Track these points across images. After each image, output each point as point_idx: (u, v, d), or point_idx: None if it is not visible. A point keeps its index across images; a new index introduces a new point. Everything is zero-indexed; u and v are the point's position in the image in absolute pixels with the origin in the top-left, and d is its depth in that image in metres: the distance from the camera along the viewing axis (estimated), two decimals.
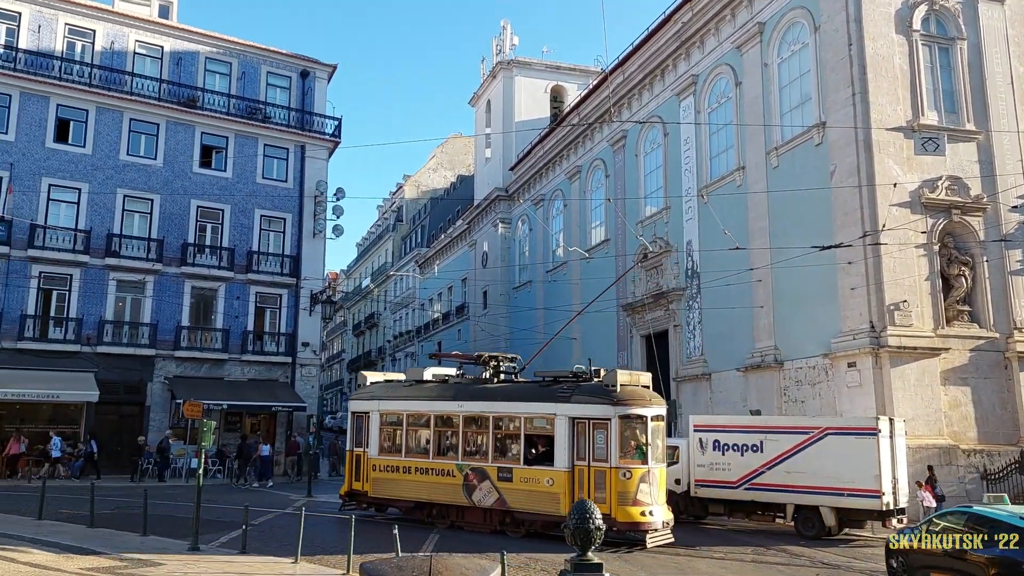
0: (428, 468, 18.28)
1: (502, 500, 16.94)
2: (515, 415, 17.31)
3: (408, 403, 19.28)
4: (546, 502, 16.34)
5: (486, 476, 17.24)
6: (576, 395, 16.52)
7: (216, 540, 14.63)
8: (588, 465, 15.95)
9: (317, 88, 36.26)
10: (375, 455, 19.34)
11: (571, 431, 16.27)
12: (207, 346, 32.00)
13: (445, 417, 18.49)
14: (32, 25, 30.71)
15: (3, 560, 11.43)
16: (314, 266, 34.86)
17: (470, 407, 18.08)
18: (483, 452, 17.62)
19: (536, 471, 16.70)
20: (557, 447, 16.43)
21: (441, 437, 18.61)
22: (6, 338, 28.18)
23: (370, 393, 20.30)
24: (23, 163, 29.53)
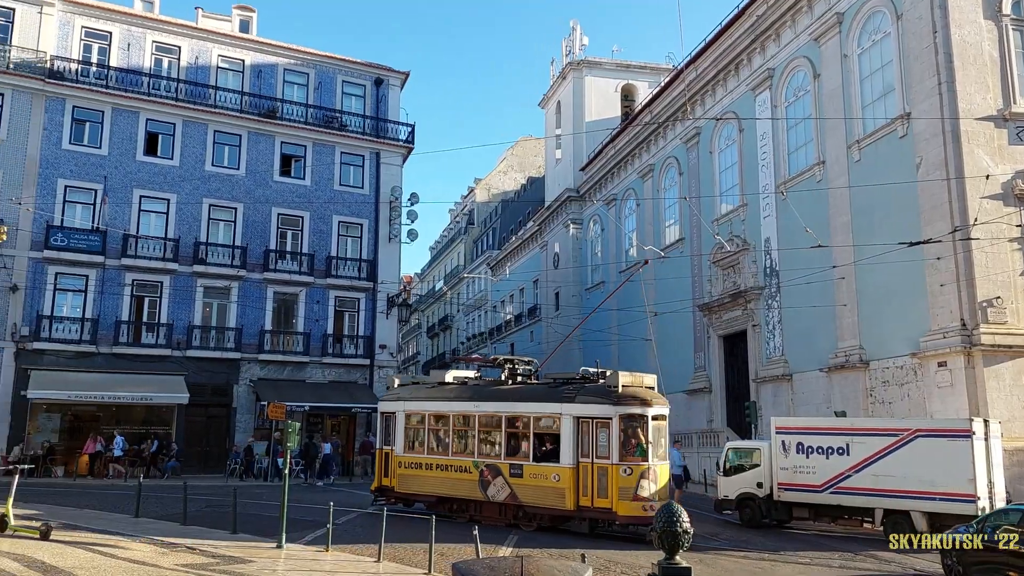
0: (448, 465, 19.23)
1: (513, 495, 17.76)
2: (525, 415, 18.23)
3: (430, 403, 20.26)
4: (553, 497, 17.16)
5: (499, 472, 18.10)
6: (580, 396, 17.35)
7: (302, 538, 15.01)
8: (592, 462, 16.76)
9: (391, 95, 36.92)
10: (401, 453, 20.33)
11: (576, 430, 17.08)
12: (289, 349, 32.94)
13: (463, 417, 19.40)
14: (122, 44, 32.20)
15: (105, 556, 12.00)
16: (390, 270, 35.51)
17: (485, 407, 19.00)
18: (496, 450, 18.51)
19: (544, 467, 17.48)
20: (563, 445, 17.25)
21: (459, 435, 19.50)
22: (103, 343, 29.61)
23: (396, 395, 21.28)
24: (116, 176, 30.97)
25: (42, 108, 30.18)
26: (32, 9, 30.51)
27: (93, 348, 29.37)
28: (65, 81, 30.53)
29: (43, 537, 13.04)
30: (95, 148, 30.99)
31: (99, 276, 30.07)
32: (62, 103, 30.56)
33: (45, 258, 29.23)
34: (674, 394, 36.97)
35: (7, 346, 28.35)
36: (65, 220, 29.86)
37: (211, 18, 35.32)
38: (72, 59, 31.09)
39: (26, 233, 28.77)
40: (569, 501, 16.89)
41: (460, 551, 14.22)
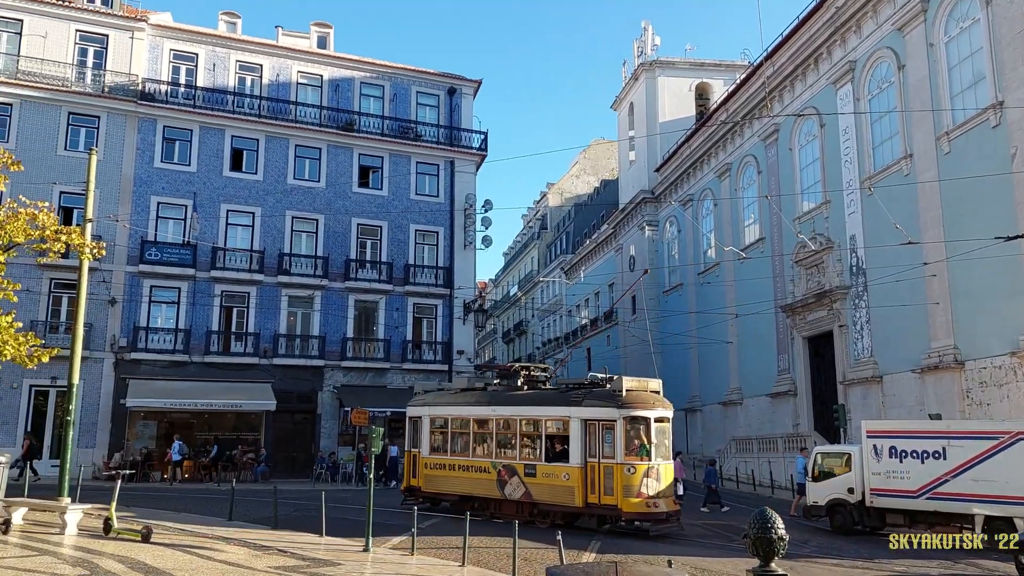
0: (468, 465, 20.46)
1: (528, 493, 18.84)
2: (537, 418, 19.35)
3: (452, 408, 21.57)
4: (564, 495, 18.16)
5: (515, 472, 19.20)
6: (587, 400, 18.40)
7: (387, 542, 15.28)
8: (598, 461, 17.74)
9: (464, 104, 37.35)
10: (426, 454, 21.59)
11: (583, 432, 18.11)
12: (370, 356, 33.63)
13: (481, 420, 20.67)
14: (208, 64, 33.53)
15: (202, 558, 12.47)
16: (466, 276, 35.87)
17: (501, 411, 20.22)
18: (512, 451, 19.66)
19: (555, 467, 18.50)
20: (572, 446, 18.26)
21: (479, 438, 20.71)
22: (195, 352, 30.83)
23: (422, 400, 22.70)
24: (204, 192, 32.24)
25: (135, 129, 31.69)
26: (124, 35, 32.08)
27: (186, 357, 30.61)
28: (156, 102, 31.98)
29: (144, 539, 13.63)
30: (184, 165, 32.34)
31: (190, 288, 31.33)
32: (153, 123, 32.02)
33: (140, 272, 30.64)
34: (757, 397, 36.19)
35: (107, 357, 29.81)
36: (158, 235, 31.25)
37: (290, 36, 36.47)
38: (162, 81, 32.55)
39: (122, 248, 30.21)
40: (578, 498, 17.87)
41: (543, 555, 14.24)
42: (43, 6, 31.08)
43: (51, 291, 29.31)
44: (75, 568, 11.09)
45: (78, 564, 11.38)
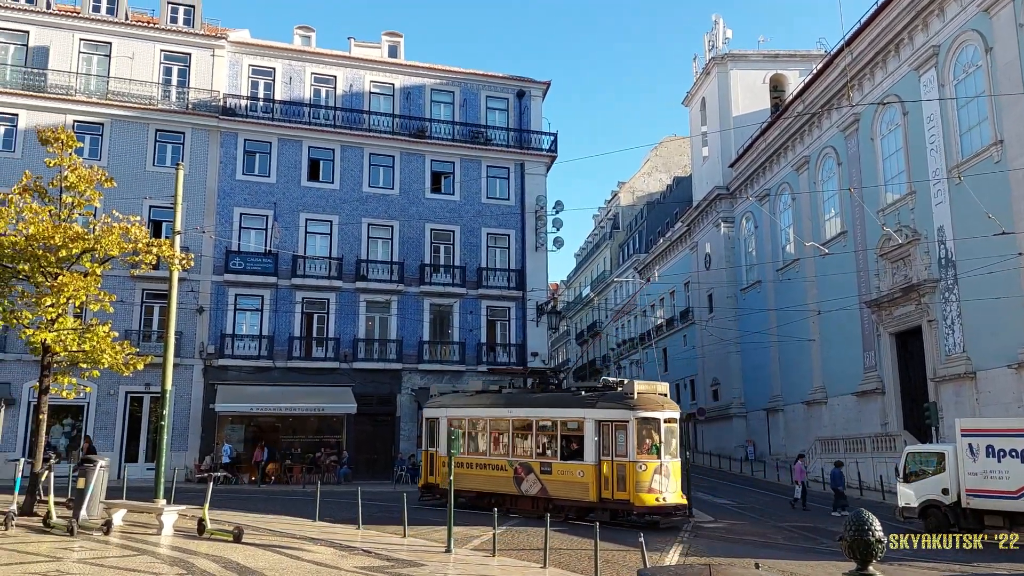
0: (486, 464, 21.63)
1: (544, 489, 19.99)
2: (553, 419, 20.49)
3: (469, 410, 22.81)
4: (579, 491, 19.32)
5: (531, 470, 20.37)
6: (600, 402, 19.55)
7: (468, 543, 15.42)
8: (611, 460, 18.91)
9: (533, 106, 37.41)
10: (444, 453, 21.94)
11: (598, 432, 19.30)
12: (446, 359, 33.99)
13: (498, 421, 21.88)
14: (284, 78, 34.51)
15: (291, 558, 12.82)
16: (538, 278, 35.89)
17: (518, 413, 21.41)
18: (528, 450, 20.87)
19: (570, 465, 19.70)
20: (586, 445, 19.46)
21: (495, 438, 21.91)
22: (279, 358, 31.74)
23: (439, 402, 23.96)
24: (284, 202, 33.17)
25: (218, 143, 32.85)
26: (205, 53, 33.31)
27: (270, 363, 31.54)
28: (236, 117, 33.09)
29: (236, 540, 14.09)
30: (265, 177, 33.34)
31: (273, 296, 32.28)
32: (235, 137, 33.13)
33: (225, 281, 31.72)
34: (842, 396, 35.09)
35: (196, 363, 30.96)
36: (241, 245, 32.30)
37: (362, 46, 37.22)
38: (241, 96, 33.65)
39: (208, 259, 31.34)
40: (592, 494, 19.09)
41: (623, 557, 14.12)
42: (130, 28, 32.55)
43: (143, 301, 30.62)
44: (173, 567, 11.55)
45: (175, 563, 11.85)
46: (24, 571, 10.84)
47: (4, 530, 14.34)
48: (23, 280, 17.84)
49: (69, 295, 16.99)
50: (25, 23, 31.37)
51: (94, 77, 31.81)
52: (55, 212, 17.88)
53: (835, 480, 23.75)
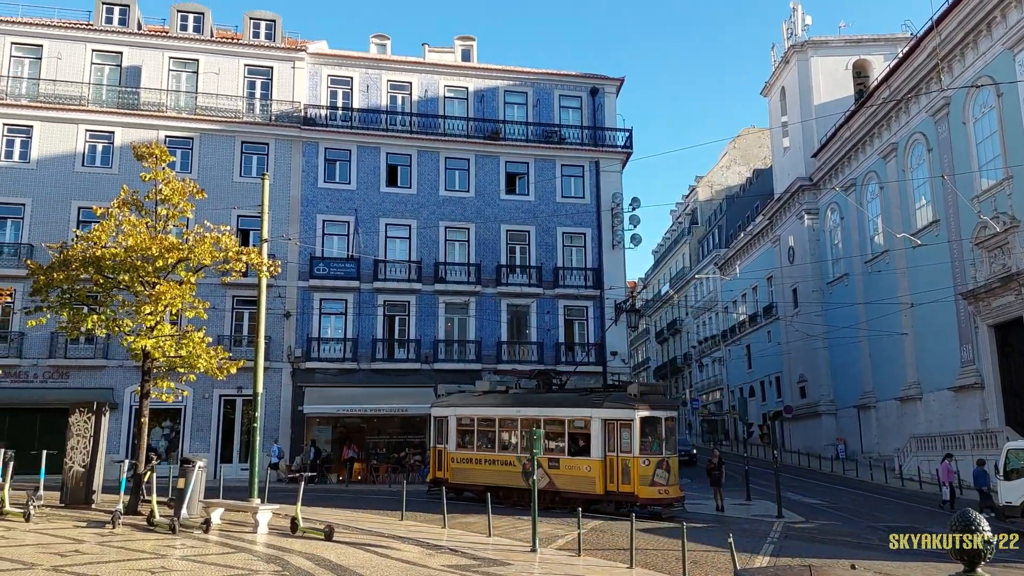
0: (495, 459, 22.93)
1: (552, 483, 21.25)
2: (561, 418, 21.85)
3: (478, 409, 24.08)
4: (585, 484, 20.68)
5: (539, 465, 20.70)
6: (607, 402, 21.00)
7: (552, 542, 15.43)
8: (617, 455, 20.26)
9: (607, 103, 37.17)
10: (453, 450, 24.03)
11: (603, 429, 20.67)
12: (524, 359, 34.08)
13: (507, 419, 23.16)
14: (361, 86, 35.27)
15: (380, 556, 13.08)
16: (616, 277, 35.62)
17: (526, 412, 22.68)
18: None
19: (577, 460, 21.08)
20: (593, 442, 20.82)
21: (504, 435, 23.23)
22: (362, 360, 32.45)
23: (448, 402, 25.43)
24: (364, 208, 33.90)
25: (300, 152, 33.82)
26: (286, 65, 34.35)
27: (355, 365, 32.28)
28: (317, 126, 34.00)
29: (327, 538, 14.47)
30: (345, 184, 34.15)
31: (355, 299, 33.03)
32: (316, 146, 34.04)
33: (310, 286, 32.62)
34: (937, 392, 33.65)
35: (285, 367, 31.95)
36: (325, 251, 33.17)
37: (436, 51, 37.72)
38: (321, 106, 34.56)
39: (294, 265, 32.29)
40: (599, 487, 20.45)
41: (712, 558, 13.89)
42: (216, 45, 33.85)
43: (233, 307, 31.77)
44: (269, 564, 11.94)
45: (271, 561, 12.25)
46: (132, 567, 11.40)
47: (112, 528, 15.10)
48: (124, 290, 18.76)
49: (166, 303, 17.79)
50: (119, 45, 32.99)
51: (183, 93, 33.18)
52: (151, 224, 18.74)
53: (979, 480, 22.27)
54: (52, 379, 29.90)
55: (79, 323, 18.23)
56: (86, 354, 30.28)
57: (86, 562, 11.57)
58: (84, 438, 18.82)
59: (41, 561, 11.36)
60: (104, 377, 30.27)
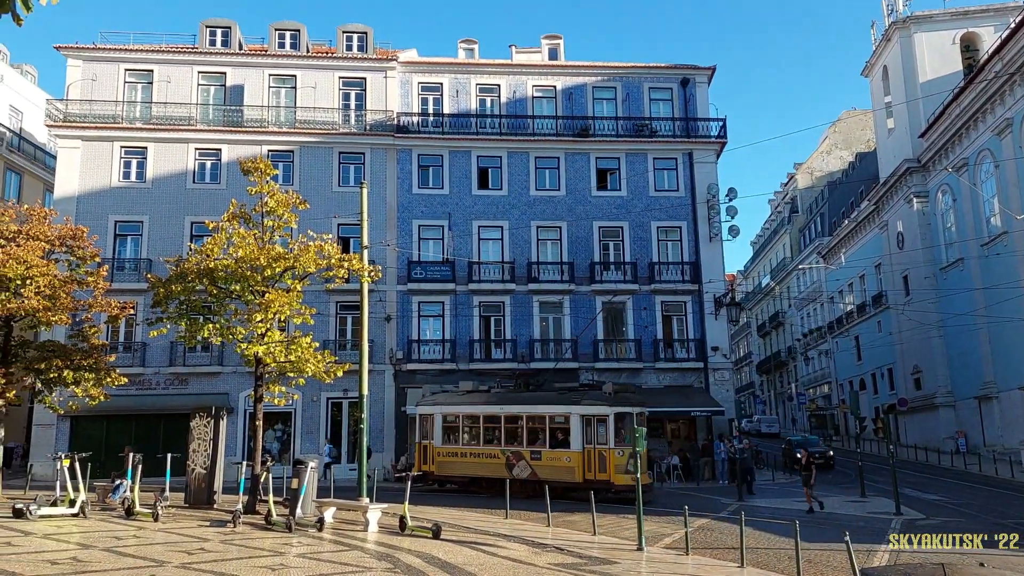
0: (479, 453, 24.93)
1: (534, 473, 23.73)
2: (542, 414, 24.35)
3: (463, 407, 26.01)
4: (566, 473, 23.36)
5: (522, 457, 24.15)
6: (585, 400, 23.74)
7: (659, 541, 15.25)
8: (594, 447, 23.00)
9: (698, 93, 36.46)
10: (439, 445, 26.01)
11: (582, 424, 23.35)
12: (622, 356, 33.81)
13: (491, 417, 25.37)
14: (451, 92, 35.80)
15: (487, 554, 13.25)
16: (714, 270, 34.89)
17: (509, 409, 24.97)
18: (519, 440, 24.50)
19: (558, 452, 23.69)
20: (572, 435, 23.47)
21: (488, 431, 25.40)
22: (461, 360, 32.92)
23: (432, 400, 27.37)
24: (457, 211, 34.40)
25: (394, 160, 34.61)
26: (379, 76, 35.22)
27: (453, 365, 32.78)
28: (410, 134, 34.72)
29: (434, 536, 14.76)
30: (438, 189, 34.73)
31: (452, 301, 33.55)
32: (409, 153, 34.77)
33: (409, 290, 33.34)
34: None
35: (387, 368, 32.76)
36: (421, 255, 33.84)
37: (524, 52, 37.88)
38: (413, 113, 35.27)
39: (392, 270, 33.08)
40: (578, 476, 23.04)
41: (827, 557, 13.43)
42: (312, 60, 35.07)
43: (337, 313, 32.80)
44: (381, 562, 12.28)
45: (383, 558, 12.59)
46: (253, 564, 11.94)
47: (233, 527, 15.84)
48: (236, 299, 19.65)
49: (275, 310, 18.52)
50: (222, 65, 34.60)
51: (283, 108, 34.49)
52: (259, 235, 19.56)
53: None
54: (173, 386, 31.64)
55: (196, 332, 19.18)
56: (203, 361, 31.90)
57: (211, 559, 12.18)
58: (204, 441, 19.80)
59: (171, 558, 12.03)
60: (220, 383, 31.79)
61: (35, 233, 21.56)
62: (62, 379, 21.19)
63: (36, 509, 16.43)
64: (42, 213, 22.77)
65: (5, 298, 20.07)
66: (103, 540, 13.91)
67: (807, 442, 37.23)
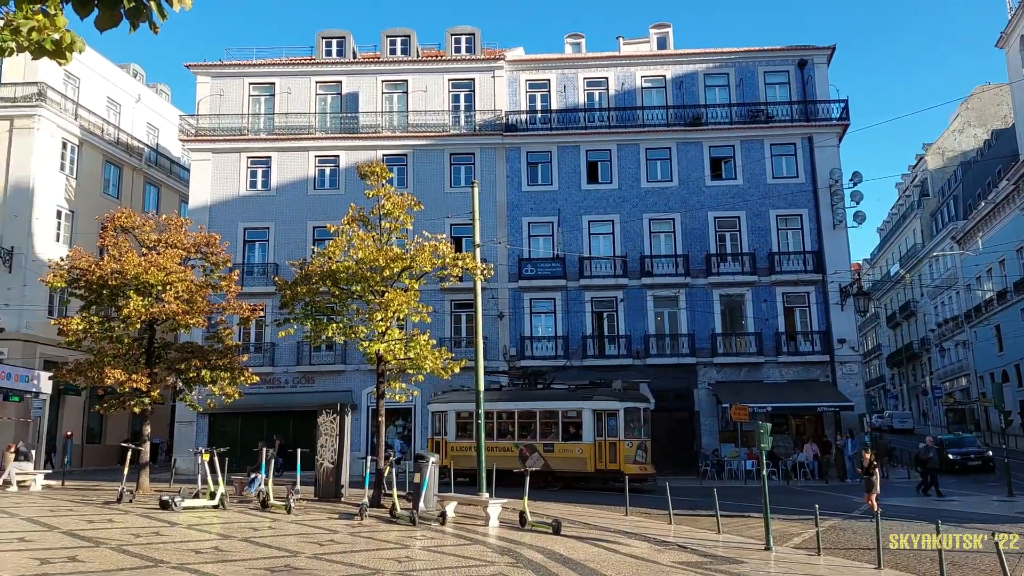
0: (493, 447, 24.76)
1: (547, 464, 25.35)
2: (555, 410, 26.31)
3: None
4: (578, 464, 25.25)
5: (535, 449, 25.79)
6: (596, 396, 25.94)
7: (787, 541, 14.70)
8: (605, 439, 25.11)
9: (817, 74, 34.96)
10: (453, 439, 27.48)
11: (594, 418, 25.41)
12: (742, 351, 32.84)
13: (504, 412, 27.06)
14: (559, 87, 35.75)
15: (609, 551, 13.11)
16: (839, 259, 33.37)
17: (522, 405, 26.79)
18: (532, 434, 26.33)
19: (570, 444, 25.57)
20: (584, 429, 25.49)
21: (502, 426, 26.96)
22: (574, 357, 32.85)
23: (446, 399, 28.44)
24: (567, 207, 34.32)
25: (503, 159, 34.89)
26: (487, 76, 35.60)
27: (567, 362, 32.73)
28: (518, 132, 34.91)
29: (555, 531, 14.74)
30: (547, 186, 34.76)
31: (563, 298, 33.51)
32: (518, 151, 34.97)
33: (520, 287, 33.54)
34: None
35: (501, 365, 33.03)
36: (531, 252, 33.98)
37: (631, 43, 37.41)
38: (521, 111, 35.44)
39: (504, 267, 33.35)
40: (590, 466, 24.99)
41: (973, 559, 12.54)
42: (422, 65, 35.85)
43: (452, 311, 33.41)
44: (503, 556, 12.36)
45: (504, 553, 12.68)
46: (381, 556, 12.28)
47: (360, 520, 16.36)
48: (357, 299, 20.31)
49: (394, 309, 19.03)
50: (338, 75, 35.87)
51: (396, 113, 35.40)
52: (377, 237, 20.12)
53: None
54: (300, 384, 33.07)
55: (321, 332, 19.95)
56: (327, 360, 33.17)
57: (341, 551, 12.62)
58: (331, 437, 20.57)
59: (304, 549, 12.54)
60: (344, 381, 32.97)
61: (173, 241, 22.97)
62: (200, 378, 22.50)
63: (180, 501, 17.50)
64: (179, 223, 24.24)
65: (148, 303, 21.48)
66: (241, 531, 14.66)
67: (962, 440, 34.90)
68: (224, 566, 10.68)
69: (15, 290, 31.12)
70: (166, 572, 10.14)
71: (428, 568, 11.50)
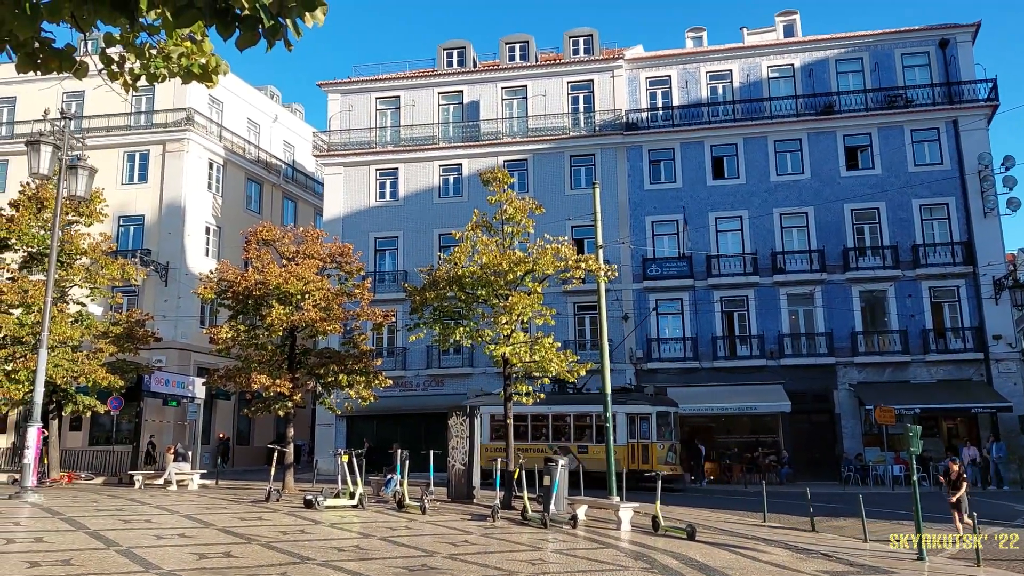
0: (527, 448, 25.99)
1: (580, 465, 23.45)
2: (590, 413, 26.99)
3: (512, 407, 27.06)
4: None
5: (569, 451, 25.98)
6: (629, 401, 26.79)
7: (942, 551, 13.75)
8: (638, 441, 26.57)
9: (960, 54, 32.69)
10: (487, 441, 27.70)
11: (628, 421, 26.51)
12: (885, 349, 31.10)
13: (539, 416, 27.74)
14: (680, 83, 35.06)
15: (747, 558, 12.66)
16: (991, 249, 31.09)
17: (556, 409, 27.53)
18: (566, 436, 27.63)
19: (603, 446, 22.99)
20: (618, 431, 25.23)
21: (535, 428, 28.14)
22: (704, 358, 32.07)
23: (479, 402, 27.93)
24: (692, 204, 33.57)
25: (624, 158, 34.56)
26: (606, 76, 35.39)
27: (696, 364, 32.00)
28: (639, 130, 34.49)
29: (689, 537, 14.39)
30: (671, 183, 34.13)
31: (690, 298, 32.78)
32: (639, 150, 34.53)
33: (645, 288, 33.07)
34: None
35: (627, 368, 32.71)
36: (656, 252, 33.45)
37: (755, 33, 36.26)
38: (641, 109, 35.00)
39: (627, 268, 33.00)
40: (624, 466, 23.88)
41: None
42: (540, 69, 36.07)
43: (575, 313, 33.37)
44: (636, 561, 12.18)
45: (638, 558, 12.49)
46: (514, 558, 12.37)
47: (492, 522, 16.55)
48: (482, 303, 20.63)
49: (519, 312, 19.17)
50: (459, 84, 36.64)
51: (516, 119, 35.78)
52: (500, 242, 20.36)
53: None
54: (431, 387, 33.94)
55: (449, 335, 20.40)
56: (455, 363, 33.88)
57: (476, 552, 12.80)
58: (461, 439, 20.96)
59: (439, 549, 12.80)
60: (472, 383, 33.55)
61: (310, 252, 24.10)
62: (338, 382, 23.48)
63: (323, 500, 18.27)
64: (315, 234, 25.40)
65: (289, 311, 22.61)
66: (380, 530, 15.15)
67: None
68: (366, 564, 11.06)
69: (171, 302, 33.57)
70: (312, 568, 10.61)
71: (562, 571, 11.48)
